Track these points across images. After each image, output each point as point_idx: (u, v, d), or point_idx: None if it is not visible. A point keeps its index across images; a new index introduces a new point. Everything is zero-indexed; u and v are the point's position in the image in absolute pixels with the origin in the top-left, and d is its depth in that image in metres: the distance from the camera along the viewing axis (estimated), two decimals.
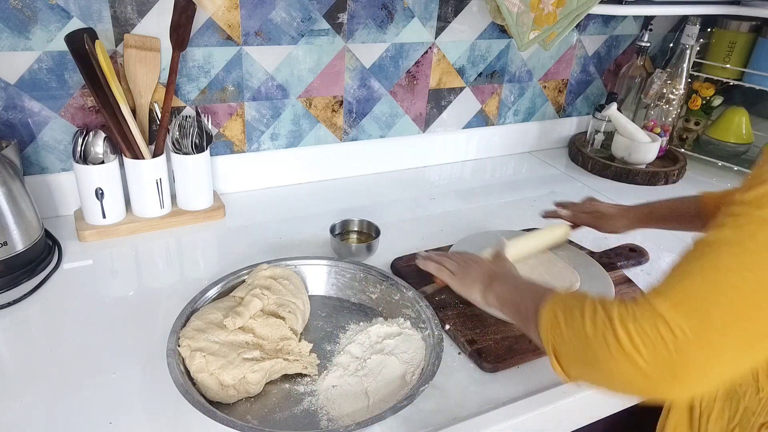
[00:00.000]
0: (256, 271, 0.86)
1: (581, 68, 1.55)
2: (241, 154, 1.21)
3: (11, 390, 0.70)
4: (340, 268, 0.91)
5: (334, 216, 1.06)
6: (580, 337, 0.54)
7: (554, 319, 0.57)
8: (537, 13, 1.11)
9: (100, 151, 0.99)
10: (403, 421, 0.69)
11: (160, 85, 1.06)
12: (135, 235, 1.04)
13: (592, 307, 0.53)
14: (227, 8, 1.06)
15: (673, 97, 1.48)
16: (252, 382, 0.70)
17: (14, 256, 0.88)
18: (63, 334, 0.80)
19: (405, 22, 1.24)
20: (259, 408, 0.70)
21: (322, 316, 0.86)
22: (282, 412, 0.69)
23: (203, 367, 0.69)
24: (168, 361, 0.69)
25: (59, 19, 0.95)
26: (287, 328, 0.77)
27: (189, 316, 0.77)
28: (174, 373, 0.67)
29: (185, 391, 0.65)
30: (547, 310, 0.59)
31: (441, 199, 1.27)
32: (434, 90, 1.37)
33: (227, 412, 0.67)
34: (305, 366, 0.74)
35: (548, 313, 0.59)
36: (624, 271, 1.01)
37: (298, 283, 0.87)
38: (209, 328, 0.74)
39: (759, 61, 1.43)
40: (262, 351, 0.74)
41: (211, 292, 0.83)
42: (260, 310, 0.79)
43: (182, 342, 0.72)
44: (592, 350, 0.52)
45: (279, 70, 1.16)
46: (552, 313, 0.58)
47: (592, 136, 1.51)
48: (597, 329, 0.51)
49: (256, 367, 0.70)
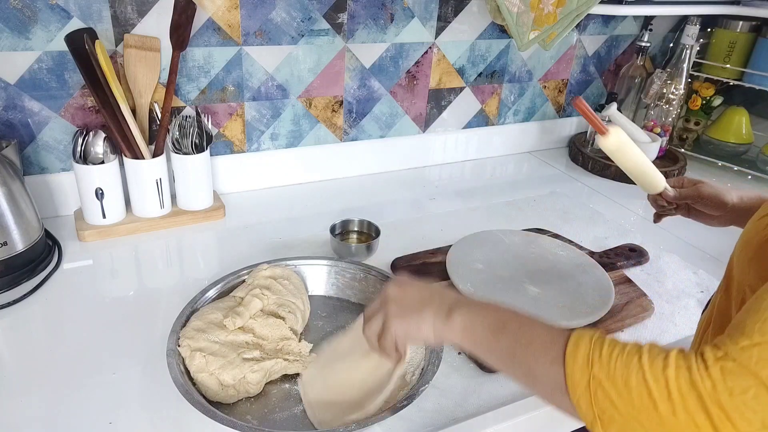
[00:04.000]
0: (256, 271, 0.85)
1: (581, 68, 1.55)
2: (241, 154, 1.21)
3: (11, 390, 0.70)
4: (341, 268, 0.91)
5: (334, 216, 1.06)
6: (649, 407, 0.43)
7: (607, 370, 0.45)
8: (537, 13, 1.11)
9: (100, 151, 0.99)
10: (403, 421, 0.69)
11: (160, 85, 1.06)
12: (135, 235, 1.04)
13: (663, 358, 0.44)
14: (227, 8, 1.06)
15: (673, 97, 1.48)
16: (252, 382, 0.70)
17: (14, 256, 0.88)
18: (63, 334, 0.80)
19: (405, 22, 1.24)
20: (259, 408, 0.70)
21: (323, 316, 0.86)
22: (282, 412, 0.70)
23: (203, 367, 0.69)
24: (168, 360, 0.69)
25: (59, 19, 0.95)
26: (287, 328, 0.77)
27: (189, 316, 0.77)
28: (174, 372, 0.67)
29: (185, 390, 0.65)
30: (585, 351, 0.47)
31: (441, 199, 1.27)
32: (434, 90, 1.37)
33: (227, 412, 0.67)
34: (305, 366, 0.74)
35: (590, 357, 0.46)
36: (624, 271, 1.01)
37: (298, 283, 0.87)
38: (209, 328, 0.74)
39: (759, 61, 1.43)
40: (262, 351, 0.74)
41: (211, 292, 0.83)
42: (260, 310, 0.79)
43: (182, 342, 0.72)
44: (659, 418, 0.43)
45: (279, 70, 1.16)
46: (599, 359, 0.46)
47: (592, 136, 1.51)
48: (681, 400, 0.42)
49: (256, 367, 0.70)
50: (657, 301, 0.93)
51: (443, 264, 0.95)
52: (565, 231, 1.13)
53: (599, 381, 0.46)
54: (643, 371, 0.44)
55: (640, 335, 0.87)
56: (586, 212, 1.25)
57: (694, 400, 0.42)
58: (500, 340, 0.54)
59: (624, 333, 0.87)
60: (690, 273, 1.03)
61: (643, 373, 0.44)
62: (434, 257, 0.99)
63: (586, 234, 1.15)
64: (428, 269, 0.95)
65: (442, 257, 0.97)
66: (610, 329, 0.85)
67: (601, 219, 1.22)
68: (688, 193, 0.88)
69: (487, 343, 0.55)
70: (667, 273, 1.03)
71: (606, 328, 0.85)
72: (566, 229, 1.15)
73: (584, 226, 1.18)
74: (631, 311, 0.89)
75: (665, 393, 0.43)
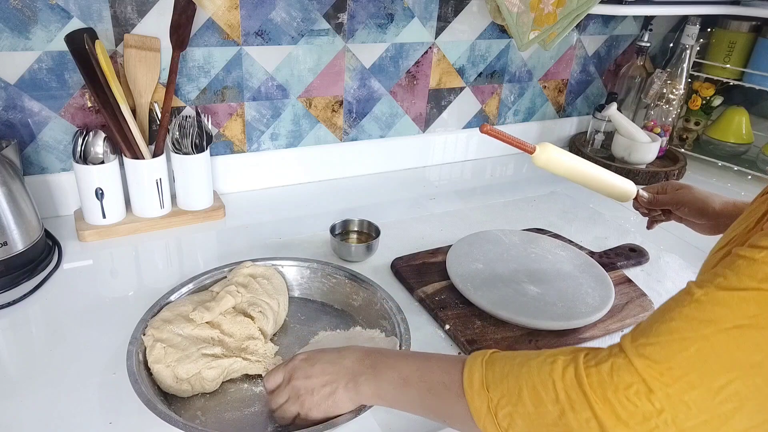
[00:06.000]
0: (239, 268, 0.85)
1: (581, 68, 1.55)
2: (241, 154, 1.21)
3: (11, 390, 0.70)
4: (327, 272, 0.89)
5: (334, 216, 1.06)
6: (544, 413, 0.43)
7: (501, 389, 0.45)
8: (537, 13, 1.11)
9: (100, 151, 0.99)
10: (403, 421, 0.69)
11: (160, 85, 1.06)
12: (135, 235, 1.04)
13: (551, 362, 0.44)
14: (227, 8, 1.06)
15: (673, 97, 1.48)
16: (207, 378, 0.69)
17: (14, 256, 0.88)
18: (63, 334, 0.80)
19: (405, 22, 1.24)
20: (213, 405, 0.69)
21: (302, 319, 0.85)
22: (233, 412, 0.68)
23: (161, 359, 0.68)
24: (128, 348, 0.69)
25: (59, 19, 0.95)
26: (256, 328, 0.76)
27: (163, 306, 0.77)
28: (131, 360, 0.67)
29: (134, 380, 0.65)
30: (479, 376, 0.47)
31: (441, 199, 1.27)
32: (434, 90, 1.37)
33: (180, 406, 0.67)
34: (266, 368, 0.72)
35: (485, 381, 0.47)
36: (624, 271, 1.01)
37: (278, 283, 0.85)
38: (176, 320, 0.74)
39: (759, 61, 1.43)
40: (225, 348, 0.73)
41: (190, 285, 0.82)
42: (232, 307, 0.78)
43: (147, 331, 0.72)
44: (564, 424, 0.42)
45: (279, 70, 1.16)
46: (492, 379, 0.46)
47: (592, 136, 1.51)
48: (568, 399, 0.42)
49: (213, 363, 0.69)
50: (657, 301, 0.93)
51: (443, 264, 0.95)
52: (565, 231, 1.13)
53: (496, 402, 0.46)
54: (532, 378, 0.44)
55: None
56: (586, 212, 1.25)
57: (580, 397, 0.42)
58: (408, 393, 0.55)
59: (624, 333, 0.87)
60: (690, 273, 1.03)
61: (532, 379, 0.44)
62: (434, 257, 0.99)
63: (586, 234, 1.15)
64: (428, 269, 0.95)
65: (442, 257, 0.97)
66: (610, 329, 0.85)
67: (601, 219, 1.22)
68: (667, 200, 0.87)
69: (399, 401, 0.57)
70: (667, 273, 1.03)
71: (606, 328, 0.85)
72: (566, 229, 1.15)
73: (584, 226, 1.18)
74: (631, 311, 0.89)
75: (553, 395, 0.43)
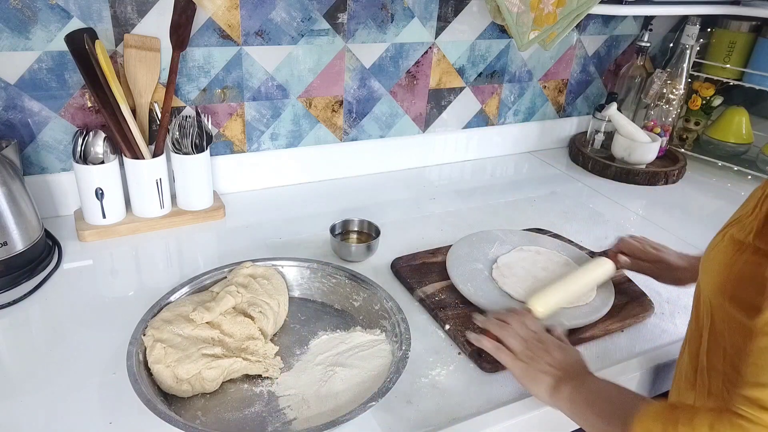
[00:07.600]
0: (239, 269, 0.85)
1: (581, 68, 1.55)
2: (241, 154, 1.21)
3: (11, 390, 0.70)
4: (327, 272, 0.89)
5: (334, 216, 1.06)
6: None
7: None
8: (537, 13, 1.11)
9: (100, 151, 0.99)
10: (403, 421, 0.69)
11: (160, 85, 1.06)
12: (135, 235, 1.04)
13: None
14: (227, 8, 1.06)
15: (673, 97, 1.48)
16: (207, 378, 0.68)
17: (14, 256, 0.88)
18: (63, 334, 0.80)
19: (405, 22, 1.24)
20: (213, 405, 0.69)
21: (302, 319, 0.85)
22: (233, 413, 0.68)
23: (161, 359, 0.68)
24: (129, 348, 0.69)
25: (59, 19, 0.95)
26: (256, 328, 0.76)
27: (163, 307, 0.77)
28: (131, 361, 0.67)
29: (134, 380, 0.65)
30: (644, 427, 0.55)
31: (441, 199, 1.27)
32: (434, 90, 1.37)
33: (180, 406, 0.67)
34: (266, 368, 0.72)
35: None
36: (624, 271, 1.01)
37: (278, 284, 0.85)
38: (176, 320, 0.74)
39: (759, 61, 1.43)
40: (225, 348, 0.73)
41: (189, 286, 0.83)
42: (232, 307, 0.78)
43: (148, 331, 0.72)
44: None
45: (279, 70, 1.16)
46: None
47: (592, 136, 1.51)
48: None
49: (213, 364, 0.69)
50: (657, 301, 0.93)
51: (443, 264, 0.95)
52: (565, 231, 1.13)
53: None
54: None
55: (640, 335, 0.87)
56: (586, 212, 1.25)
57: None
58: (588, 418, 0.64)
59: (624, 333, 0.87)
60: None
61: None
62: (434, 257, 0.99)
63: (586, 234, 1.15)
64: (428, 269, 0.95)
65: (442, 257, 0.97)
66: (609, 329, 0.85)
67: (601, 219, 1.22)
68: (636, 267, 0.92)
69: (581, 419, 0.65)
70: None
71: (606, 328, 0.85)
72: (566, 229, 1.15)
73: (584, 226, 1.18)
74: (631, 311, 0.89)
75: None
